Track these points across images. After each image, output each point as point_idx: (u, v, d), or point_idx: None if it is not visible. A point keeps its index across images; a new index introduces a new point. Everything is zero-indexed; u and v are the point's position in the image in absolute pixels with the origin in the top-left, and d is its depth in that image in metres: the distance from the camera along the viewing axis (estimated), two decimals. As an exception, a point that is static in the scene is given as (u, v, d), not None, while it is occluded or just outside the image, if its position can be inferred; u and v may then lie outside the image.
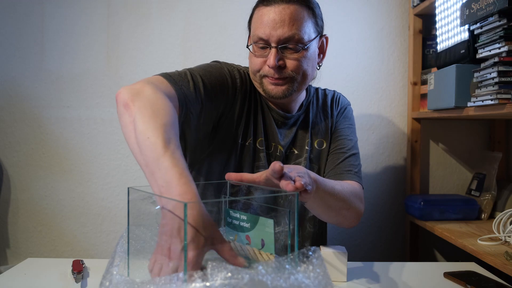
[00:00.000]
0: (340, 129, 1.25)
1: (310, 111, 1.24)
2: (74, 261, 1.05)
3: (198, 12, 1.76)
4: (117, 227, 1.77)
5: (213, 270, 0.65)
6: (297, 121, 1.22)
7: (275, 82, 1.10)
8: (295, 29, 1.06)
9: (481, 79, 1.17)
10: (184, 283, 0.65)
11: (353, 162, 1.20)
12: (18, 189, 1.77)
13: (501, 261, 1.08)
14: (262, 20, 1.07)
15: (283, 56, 1.08)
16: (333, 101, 1.29)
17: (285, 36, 1.06)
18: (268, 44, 1.08)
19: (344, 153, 1.20)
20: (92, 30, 1.75)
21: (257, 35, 1.08)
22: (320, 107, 1.27)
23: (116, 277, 0.72)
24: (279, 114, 1.18)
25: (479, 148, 1.76)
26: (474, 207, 1.53)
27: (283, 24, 1.05)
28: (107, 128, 1.76)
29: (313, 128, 1.23)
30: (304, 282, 0.66)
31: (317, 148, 1.22)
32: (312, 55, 1.13)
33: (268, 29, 1.06)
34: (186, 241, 0.66)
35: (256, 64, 1.11)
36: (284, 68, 1.09)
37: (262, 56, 1.10)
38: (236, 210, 0.82)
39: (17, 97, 1.76)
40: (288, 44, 1.07)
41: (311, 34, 1.11)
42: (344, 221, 1.12)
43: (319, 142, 1.23)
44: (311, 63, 1.13)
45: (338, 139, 1.23)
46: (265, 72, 1.10)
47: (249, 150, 1.16)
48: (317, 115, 1.25)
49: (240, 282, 0.63)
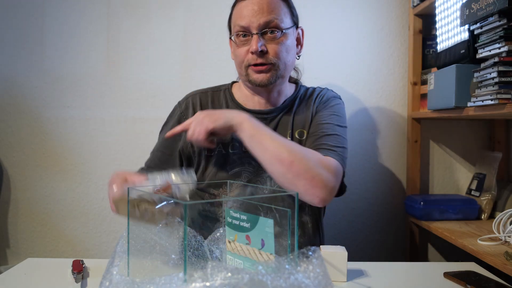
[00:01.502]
0: (320, 115, 1.23)
1: (295, 105, 1.27)
2: (74, 261, 1.05)
3: (198, 12, 1.76)
4: (117, 227, 1.77)
5: (213, 270, 0.65)
6: (277, 116, 1.25)
7: (259, 70, 1.17)
8: (273, 14, 1.16)
9: (481, 79, 1.17)
10: (184, 283, 0.65)
11: (331, 141, 1.15)
12: (18, 189, 1.77)
13: (501, 261, 1.08)
14: (242, 12, 1.17)
15: (264, 43, 1.16)
16: (317, 95, 1.30)
17: (265, 21, 1.15)
18: (249, 32, 1.17)
19: (321, 133, 1.18)
20: (92, 31, 1.75)
21: (238, 24, 1.18)
22: (305, 102, 1.29)
23: (116, 277, 0.72)
24: (253, 112, 1.23)
25: (479, 148, 1.76)
26: (474, 207, 1.53)
27: (262, 11, 1.15)
28: (107, 128, 1.76)
29: (294, 121, 1.25)
30: (304, 282, 0.66)
31: (297, 137, 1.23)
32: (290, 44, 1.21)
33: (248, 18, 1.16)
34: (186, 241, 0.66)
35: (240, 55, 1.19)
36: (266, 53, 1.16)
37: (244, 45, 1.18)
38: (236, 210, 0.82)
39: (17, 97, 1.76)
40: (268, 29, 1.15)
41: (288, 22, 1.20)
42: (304, 187, 1.02)
43: (299, 133, 1.24)
44: (291, 52, 1.21)
45: (317, 124, 1.21)
46: (249, 60, 1.18)
47: (220, 157, 1.22)
48: (300, 109, 1.27)
49: (240, 282, 0.63)
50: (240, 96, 1.29)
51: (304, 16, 1.75)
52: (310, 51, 1.74)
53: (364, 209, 1.77)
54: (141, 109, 1.76)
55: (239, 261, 0.82)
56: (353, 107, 1.76)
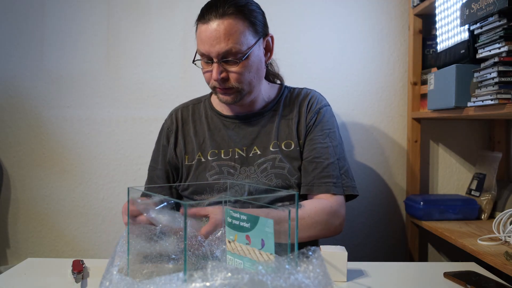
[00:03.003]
0: (315, 137, 1.24)
1: (279, 112, 1.28)
2: (74, 261, 1.05)
3: (198, 12, 1.75)
4: (117, 227, 1.77)
5: (213, 270, 0.65)
6: (258, 122, 1.27)
7: (224, 92, 1.19)
8: (231, 43, 1.12)
9: (481, 79, 1.17)
10: (184, 283, 0.65)
11: (331, 171, 1.20)
12: (18, 189, 1.77)
13: (501, 261, 1.08)
14: (202, 37, 1.15)
15: (225, 69, 1.15)
16: (304, 101, 1.29)
17: (223, 51, 1.12)
18: (210, 59, 1.15)
19: (319, 163, 1.21)
20: (92, 30, 1.75)
21: (200, 50, 1.17)
22: (289, 108, 1.28)
23: (116, 277, 0.72)
24: (231, 118, 1.27)
25: (479, 148, 1.76)
26: (474, 207, 1.53)
27: (219, 40, 1.12)
28: (107, 128, 1.76)
29: (280, 130, 1.25)
30: (304, 282, 0.66)
31: (284, 149, 1.24)
32: (255, 60, 1.18)
33: (207, 46, 1.13)
34: (186, 241, 0.66)
35: (206, 78, 1.21)
36: (227, 80, 1.16)
37: (208, 70, 1.18)
38: (236, 210, 0.82)
39: (17, 97, 1.76)
40: (228, 57, 1.13)
41: (250, 42, 1.16)
42: (324, 235, 1.18)
43: (286, 144, 1.24)
44: (255, 67, 1.18)
45: (313, 148, 1.23)
46: (213, 84, 1.18)
47: (200, 165, 1.26)
48: (285, 116, 1.27)
49: (240, 282, 0.63)
50: (217, 103, 1.32)
51: (304, 16, 1.75)
52: (310, 51, 1.75)
53: (364, 209, 1.77)
54: (141, 109, 1.76)
55: (239, 261, 0.82)
56: (353, 107, 1.76)
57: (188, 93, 1.72)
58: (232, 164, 1.24)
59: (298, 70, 1.74)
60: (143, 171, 1.76)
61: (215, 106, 1.33)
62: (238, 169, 1.23)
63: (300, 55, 1.74)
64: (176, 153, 1.31)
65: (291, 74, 1.61)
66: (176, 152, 1.31)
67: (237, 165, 1.24)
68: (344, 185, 1.22)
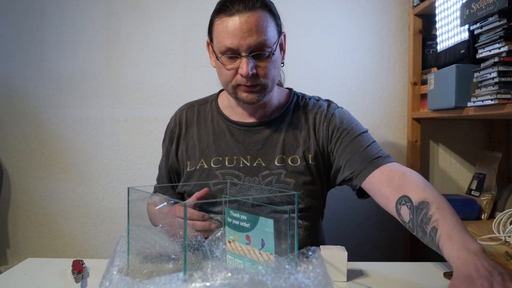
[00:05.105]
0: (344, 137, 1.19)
1: (285, 123, 1.22)
2: (74, 261, 1.05)
3: (198, 12, 1.76)
4: (117, 227, 1.77)
5: (213, 270, 0.65)
6: (264, 130, 1.22)
7: (249, 90, 1.12)
8: (263, 36, 1.08)
9: (481, 79, 1.17)
10: (184, 283, 0.65)
11: (376, 148, 1.16)
12: (18, 189, 1.77)
13: (501, 261, 1.08)
14: (228, 30, 1.08)
15: (254, 63, 1.10)
16: (315, 114, 1.24)
17: (255, 43, 1.07)
18: (237, 54, 1.09)
19: (362, 147, 1.16)
20: (92, 30, 1.75)
21: (225, 45, 1.09)
22: (297, 120, 1.23)
23: (116, 277, 0.72)
24: (238, 124, 1.23)
25: (479, 148, 1.76)
26: (474, 207, 1.53)
27: (251, 33, 1.07)
28: (107, 128, 1.76)
29: (285, 141, 1.20)
30: (304, 282, 0.66)
31: (291, 164, 1.19)
32: (277, 57, 1.15)
33: (236, 39, 1.07)
34: (186, 241, 0.66)
35: (227, 76, 1.13)
36: (256, 76, 1.11)
37: (232, 66, 1.11)
38: (236, 210, 0.82)
39: (17, 97, 1.76)
40: (257, 51, 1.09)
41: (275, 36, 1.13)
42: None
43: (293, 159, 1.19)
44: (277, 65, 1.15)
45: (348, 145, 1.17)
46: (238, 81, 1.12)
47: (203, 172, 1.20)
48: (292, 129, 1.22)
49: (240, 282, 0.63)
50: (225, 106, 1.27)
51: (304, 16, 1.75)
52: (310, 51, 1.75)
53: (364, 209, 1.77)
54: (141, 109, 1.76)
55: (239, 261, 0.82)
56: (353, 107, 1.75)
57: (188, 93, 1.72)
58: (236, 173, 1.19)
59: (298, 70, 1.73)
60: (143, 171, 1.76)
61: (222, 110, 1.27)
62: (242, 178, 1.18)
63: (300, 55, 1.74)
64: (177, 158, 1.27)
65: (291, 74, 1.61)
66: (177, 156, 1.27)
67: (242, 174, 1.18)
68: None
